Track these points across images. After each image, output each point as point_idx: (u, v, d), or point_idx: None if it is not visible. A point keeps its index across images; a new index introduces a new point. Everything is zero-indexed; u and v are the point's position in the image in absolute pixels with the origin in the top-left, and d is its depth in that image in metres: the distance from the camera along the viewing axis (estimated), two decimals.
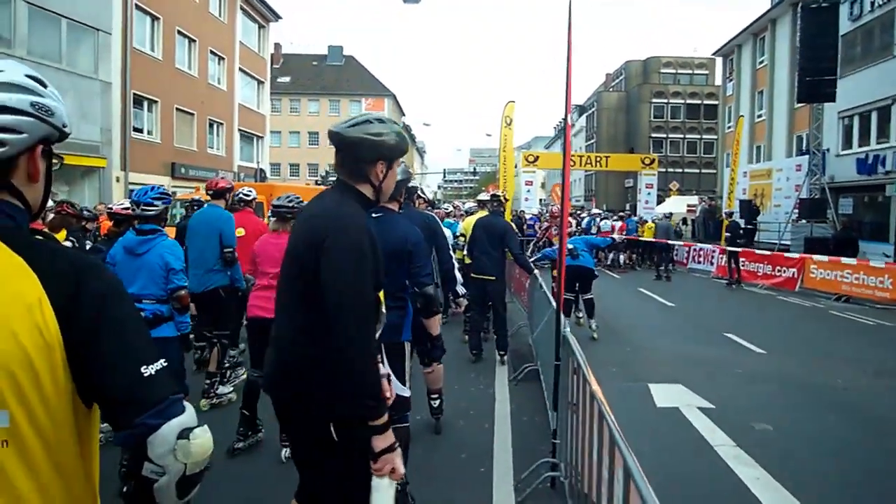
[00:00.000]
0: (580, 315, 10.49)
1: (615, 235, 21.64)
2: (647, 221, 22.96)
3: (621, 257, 21.21)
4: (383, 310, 2.40)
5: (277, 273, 4.75)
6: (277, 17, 35.93)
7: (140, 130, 23.05)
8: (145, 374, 1.22)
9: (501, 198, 8.75)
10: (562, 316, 4.33)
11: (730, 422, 5.76)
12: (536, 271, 8.48)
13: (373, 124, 2.35)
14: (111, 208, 6.32)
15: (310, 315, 2.22)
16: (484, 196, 11.58)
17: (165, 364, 1.27)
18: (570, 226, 11.25)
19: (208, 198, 6.95)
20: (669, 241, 20.04)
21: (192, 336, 5.99)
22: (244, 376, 6.54)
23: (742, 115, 28.76)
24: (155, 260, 4.31)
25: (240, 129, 31.92)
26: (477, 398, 6.41)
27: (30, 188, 1.30)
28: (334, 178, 2.45)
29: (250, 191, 7.72)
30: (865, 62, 23.26)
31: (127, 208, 5.72)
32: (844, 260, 16.13)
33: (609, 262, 20.91)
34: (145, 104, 23.36)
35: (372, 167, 2.36)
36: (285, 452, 4.62)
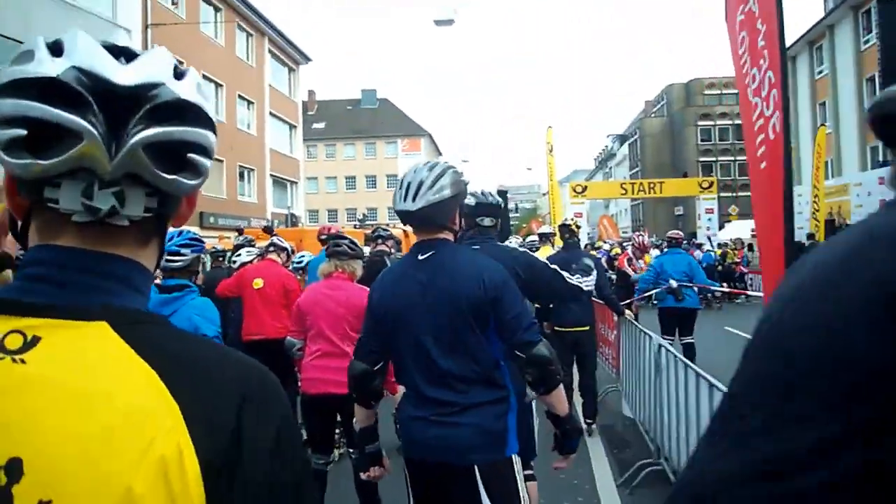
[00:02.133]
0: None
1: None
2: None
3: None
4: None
5: (344, 335, 3.83)
6: (307, 59, 35.09)
7: None
8: None
9: (573, 226, 6.92)
10: None
11: None
12: (629, 314, 6.83)
13: None
14: None
15: None
16: (546, 228, 9.77)
17: None
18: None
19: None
20: None
21: None
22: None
23: (824, 124, 26.24)
24: (182, 325, 2.79)
25: (272, 175, 30.76)
26: None
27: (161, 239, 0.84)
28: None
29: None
30: None
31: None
32: None
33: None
34: None
35: None
36: None
